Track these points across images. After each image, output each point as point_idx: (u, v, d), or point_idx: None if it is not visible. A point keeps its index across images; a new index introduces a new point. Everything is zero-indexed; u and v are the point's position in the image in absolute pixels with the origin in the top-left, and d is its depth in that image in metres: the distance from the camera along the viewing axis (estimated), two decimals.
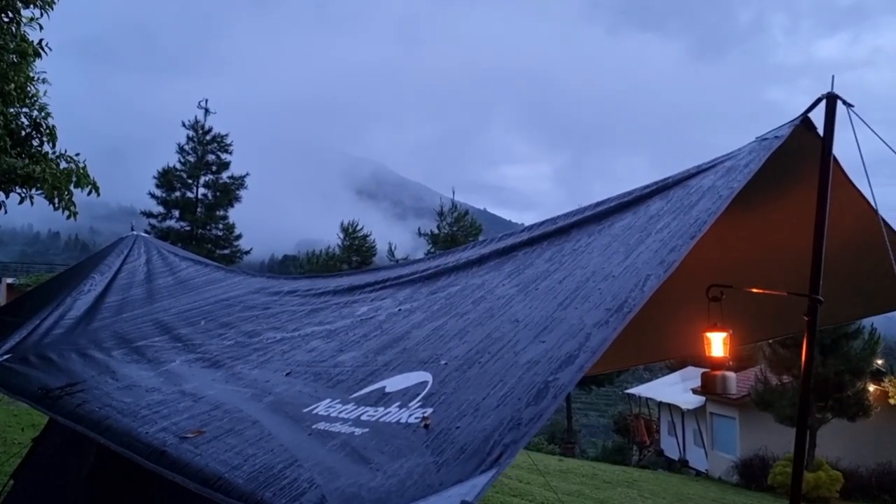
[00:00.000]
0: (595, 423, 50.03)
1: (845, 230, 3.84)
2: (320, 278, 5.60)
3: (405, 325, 3.59)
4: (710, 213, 2.78)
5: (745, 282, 4.22)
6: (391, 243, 25.96)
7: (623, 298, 2.48)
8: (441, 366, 2.83)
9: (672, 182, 3.47)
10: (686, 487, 20.04)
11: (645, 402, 33.01)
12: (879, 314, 4.81)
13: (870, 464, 21.66)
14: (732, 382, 3.77)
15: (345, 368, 3.30)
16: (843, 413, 20.43)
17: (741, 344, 5.62)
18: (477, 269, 3.95)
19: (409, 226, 49.07)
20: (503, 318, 3.00)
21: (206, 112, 23.32)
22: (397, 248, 26.04)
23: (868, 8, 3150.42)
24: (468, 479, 1.97)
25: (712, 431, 26.15)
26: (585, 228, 3.59)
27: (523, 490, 14.59)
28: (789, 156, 3.43)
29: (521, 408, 2.18)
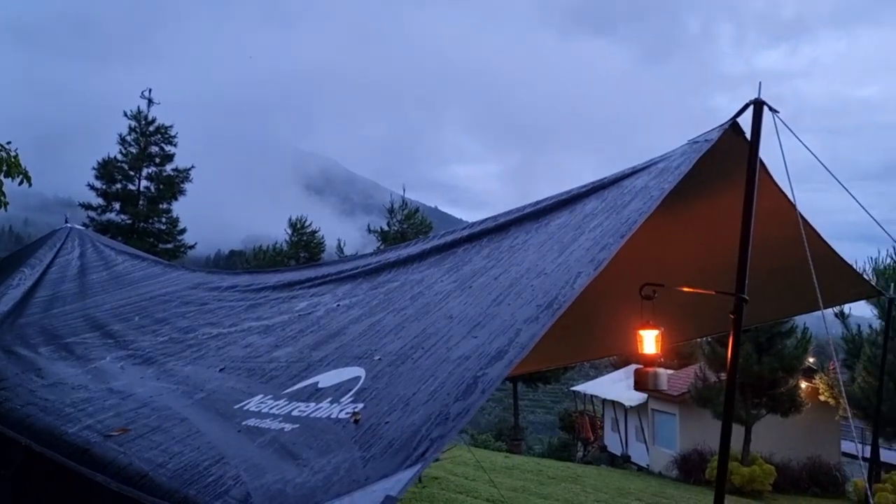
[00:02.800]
0: (542, 420, 50.59)
1: (772, 232, 3.96)
2: (261, 273, 5.52)
3: (343, 320, 3.57)
4: (640, 213, 2.83)
5: (681, 281, 4.33)
6: (340, 240, 25.78)
7: (554, 295, 2.52)
8: (375, 361, 2.82)
9: (608, 182, 3.53)
10: (627, 482, 20.42)
11: (590, 400, 33.52)
12: (802, 314, 4.98)
13: (801, 457, 22.43)
14: (664, 378, 3.86)
15: (279, 364, 3.27)
16: (776, 409, 21.09)
17: (674, 342, 5.76)
18: (418, 265, 3.96)
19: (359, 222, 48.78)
20: (439, 313, 3.01)
21: (149, 102, 22.73)
22: (346, 244, 25.86)
23: (808, 21, 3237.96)
24: (394, 474, 1.97)
25: (654, 427, 26.73)
26: (524, 226, 3.63)
27: (469, 487, 14.66)
28: (720, 159, 3.53)
29: (449, 403, 2.19)
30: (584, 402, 34.24)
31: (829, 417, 22.49)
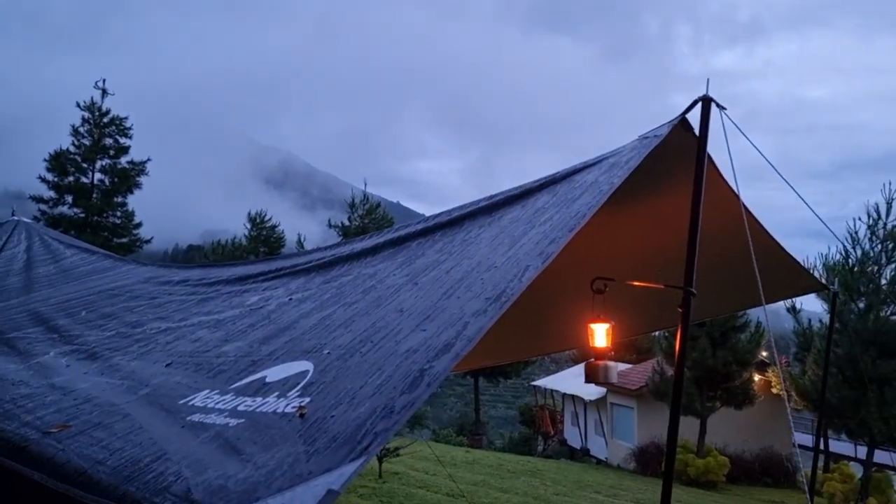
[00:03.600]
0: (503, 415, 50.94)
1: (721, 227, 4.03)
2: (214, 267, 5.44)
3: (294, 314, 3.53)
4: (589, 207, 2.86)
5: (634, 275, 4.37)
6: (300, 234, 25.50)
7: (502, 288, 2.52)
8: (324, 355, 2.80)
9: (560, 177, 3.55)
10: (586, 475, 20.70)
11: (550, 394, 33.86)
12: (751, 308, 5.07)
13: (754, 449, 23.00)
14: (614, 372, 3.90)
15: (228, 359, 3.22)
16: (730, 402, 21.57)
17: (626, 336, 5.83)
18: (371, 259, 3.93)
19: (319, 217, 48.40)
20: (390, 307, 2.99)
21: (103, 93, 22.11)
22: (306, 239, 25.60)
23: (763, 23, 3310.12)
24: (337, 468, 1.96)
25: (612, 421, 27.12)
26: (477, 220, 3.64)
27: (429, 481, 14.70)
28: (671, 155, 3.58)
29: (395, 396, 2.18)
30: (545, 396, 34.56)
31: (782, 409, 23.08)
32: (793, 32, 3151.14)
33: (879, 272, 18.44)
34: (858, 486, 18.80)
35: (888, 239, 18.38)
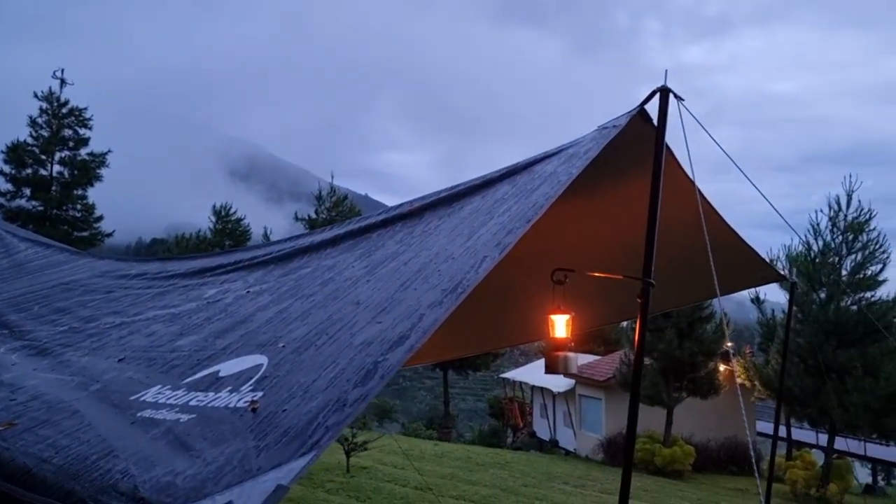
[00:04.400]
0: (472, 408, 51.11)
1: (681, 218, 4.05)
2: (173, 260, 5.33)
3: (251, 307, 3.47)
4: (547, 198, 2.84)
5: (597, 267, 4.38)
6: (266, 228, 25.24)
7: (459, 279, 2.50)
8: (279, 348, 2.75)
9: (520, 167, 3.54)
10: (554, 466, 20.86)
11: (519, 386, 34.04)
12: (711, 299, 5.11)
13: (719, 438, 23.37)
14: (573, 362, 3.91)
15: (181, 353, 3.15)
16: (696, 392, 21.88)
17: (588, 327, 5.86)
18: (331, 251, 3.88)
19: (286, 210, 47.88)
20: (347, 299, 2.95)
21: (61, 83, 21.58)
22: (273, 232, 25.34)
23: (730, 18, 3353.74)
24: (287, 463, 1.92)
25: (580, 412, 27.34)
26: (437, 211, 3.60)
27: (398, 475, 14.67)
28: (631, 146, 3.58)
29: (348, 389, 2.14)
30: (514, 388, 34.73)
31: (746, 399, 23.48)
32: (759, 28, 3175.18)
33: (840, 263, 18.85)
34: (820, 472, 19.23)
35: (848, 231, 18.80)
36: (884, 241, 18.54)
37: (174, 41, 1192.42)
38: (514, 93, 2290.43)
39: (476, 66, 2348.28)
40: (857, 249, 18.59)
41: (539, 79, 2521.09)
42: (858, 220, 18.71)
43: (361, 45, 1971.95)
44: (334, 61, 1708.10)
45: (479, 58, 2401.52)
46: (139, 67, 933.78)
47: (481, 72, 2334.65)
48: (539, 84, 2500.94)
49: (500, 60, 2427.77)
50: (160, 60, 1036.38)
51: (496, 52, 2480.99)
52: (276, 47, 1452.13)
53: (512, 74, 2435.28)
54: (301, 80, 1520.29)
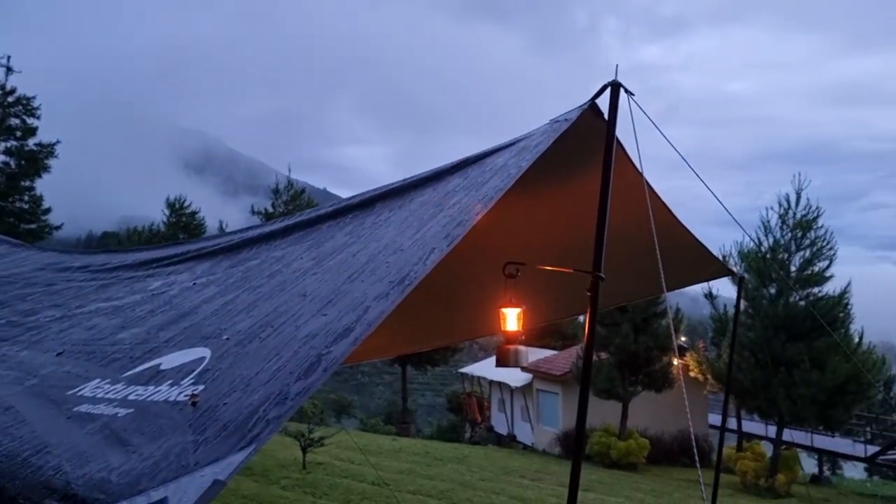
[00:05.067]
0: (431, 403, 51.17)
1: (633, 213, 4.08)
2: (119, 253, 5.20)
3: (196, 299, 3.39)
4: (497, 190, 2.83)
5: (552, 261, 4.39)
6: (222, 221, 24.84)
7: (406, 272, 2.47)
8: (223, 341, 2.69)
9: (472, 160, 3.53)
10: (512, 460, 21.01)
11: (477, 381, 34.17)
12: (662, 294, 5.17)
13: (673, 431, 23.82)
14: (524, 356, 3.92)
15: (123, 346, 3.06)
16: (651, 385, 22.25)
17: (544, 321, 5.90)
18: (280, 242, 3.82)
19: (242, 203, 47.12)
20: (293, 291, 2.90)
21: (7, 71, 20.90)
22: (228, 225, 24.94)
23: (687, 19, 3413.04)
24: (225, 458, 1.87)
25: (538, 407, 27.58)
26: (388, 203, 3.57)
27: (355, 471, 14.60)
28: (584, 140, 3.59)
29: (290, 382, 2.10)
30: (472, 383, 34.86)
31: (698, 392, 23.96)
32: (714, 28, 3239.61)
33: (789, 259, 19.33)
34: (768, 463, 19.73)
35: (797, 228, 19.29)
36: (830, 239, 19.09)
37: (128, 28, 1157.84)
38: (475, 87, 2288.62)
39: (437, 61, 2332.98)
40: (806, 246, 19.09)
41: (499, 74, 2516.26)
42: (807, 217, 19.22)
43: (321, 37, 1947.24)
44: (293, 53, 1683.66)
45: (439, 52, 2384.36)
46: (90, 55, 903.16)
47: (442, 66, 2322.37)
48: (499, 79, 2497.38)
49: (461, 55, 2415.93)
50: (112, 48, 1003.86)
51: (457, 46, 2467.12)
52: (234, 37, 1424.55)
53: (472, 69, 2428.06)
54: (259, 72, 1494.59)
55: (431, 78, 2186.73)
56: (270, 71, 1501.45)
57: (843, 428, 23.27)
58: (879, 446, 22.45)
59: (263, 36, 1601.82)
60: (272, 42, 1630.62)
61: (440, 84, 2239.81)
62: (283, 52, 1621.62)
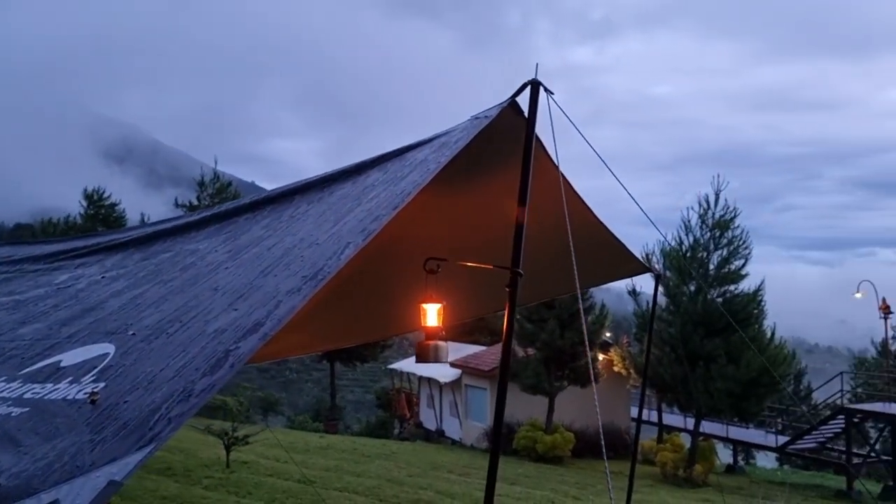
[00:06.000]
0: (361, 399, 50.84)
1: (554, 211, 4.14)
2: (25, 245, 4.95)
3: (104, 293, 3.26)
4: (415, 185, 2.82)
5: (472, 257, 4.40)
6: (144, 214, 24.01)
7: (320, 266, 2.43)
8: (128, 336, 2.59)
9: (393, 154, 3.51)
10: (440, 456, 21.10)
11: (407, 377, 34.15)
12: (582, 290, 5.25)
13: (597, 424, 24.42)
14: (444, 352, 3.92)
15: (22, 342, 2.92)
16: (576, 380, 22.72)
17: (466, 318, 5.93)
18: (195, 235, 3.71)
19: (166, 195, 45.68)
20: (205, 285, 2.82)
21: None
22: (150, 219, 24.13)
23: (615, 22, 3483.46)
24: (122, 458, 1.80)
25: (466, 402, 27.78)
26: (307, 196, 3.52)
27: (281, 469, 14.36)
28: (505, 137, 3.62)
29: (195, 378, 2.04)
30: (402, 379, 34.82)
31: (622, 386, 24.63)
32: (640, 32, 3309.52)
33: (708, 258, 20.07)
34: (687, 454, 20.45)
35: (716, 228, 20.04)
36: (746, 238, 19.92)
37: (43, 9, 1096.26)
38: (408, 83, 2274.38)
39: (368, 55, 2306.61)
40: (723, 245, 19.85)
41: (432, 70, 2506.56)
42: (725, 218, 19.98)
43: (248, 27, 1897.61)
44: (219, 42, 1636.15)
45: (372, 46, 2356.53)
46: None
47: (375, 60, 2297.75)
48: (432, 75, 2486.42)
49: (395, 50, 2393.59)
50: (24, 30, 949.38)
51: (390, 41, 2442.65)
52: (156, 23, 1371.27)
53: (406, 64, 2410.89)
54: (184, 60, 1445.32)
55: (364, 72, 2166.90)
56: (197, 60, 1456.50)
57: (757, 419, 24.36)
58: (789, 436, 23.57)
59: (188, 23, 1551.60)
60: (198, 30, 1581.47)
61: (373, 78, 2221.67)
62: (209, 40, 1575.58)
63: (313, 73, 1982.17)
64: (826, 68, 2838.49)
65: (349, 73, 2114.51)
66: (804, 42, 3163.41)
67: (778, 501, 12.94)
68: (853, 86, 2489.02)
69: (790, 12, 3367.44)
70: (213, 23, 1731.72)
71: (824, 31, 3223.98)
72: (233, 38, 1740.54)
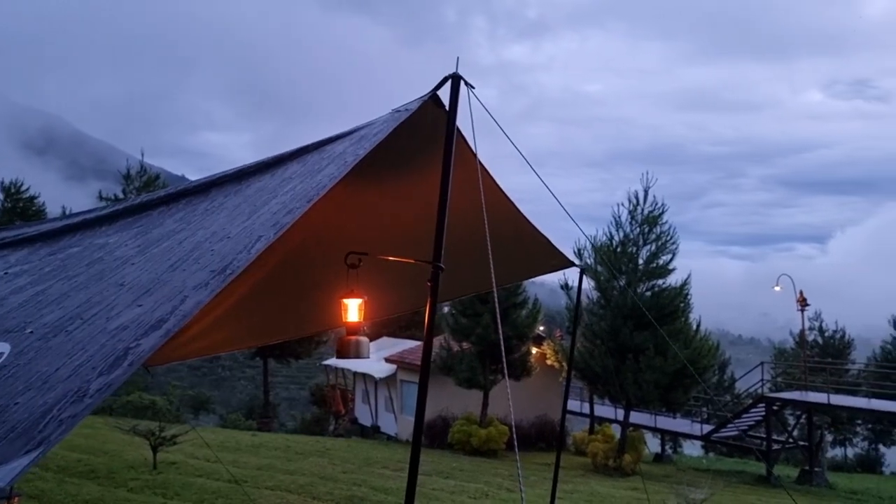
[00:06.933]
0: (296, 396, 50.18)
1: (477, 205, 4.15)
2: None
3: (4, 290, 3.10)
4: (331, 178, 2.77)
5: (396, 252, 4.37)
6: (66, 207, 22.99)
7: (230, 260, 2.36)
8: (26, 335, 2.47)
9: (313, 146, 3.44)
10: (375, 451, 20.99)
11: (342, 373, 33.89)
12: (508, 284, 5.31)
13: (530, 417, 24.76)
14: (366, 347, 3.89)
15: None
16: (511, 374, 22.96)
17: (393, 313, 5.91)
18: (107, 228, 3.57)
19: (90, 189, 43.90)
20: (111, 280, 2.71)
21: None
22: (72, 212, 23.17)
23: (549, 21, 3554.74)
24: (8, 462, 1.70)
25: (402, 397, 27.75)
26: (225, 188, 3.42)
27: (210, 469, 14.04)
28: (428, 131, 3.60)
29: (91, 378, 1.95)
30: (336, 375, 34.54)
31: (555, 379, 25.02)
32: (573, 31, 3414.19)
33: (637, 253, 20.57)
34: (617, 444, 20.95)
35: (645, 223, 20.55)
36: (674, 234, 20.50)
37: None
38: (343, 77, 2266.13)
39: (304, 48, 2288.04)
40: (652, 241, 20.38)
41: (368, 65, 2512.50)
42: (653, 213, 20.51)
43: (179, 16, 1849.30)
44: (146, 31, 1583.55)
45: (308, 41, 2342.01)
46: None
47: (310, 55, 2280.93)
48: (368, 70, 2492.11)
49: (330, 44, 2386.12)
50: None
51: (326, 35, 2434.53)
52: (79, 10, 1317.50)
53: (341, 59, 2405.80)
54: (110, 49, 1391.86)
55: (299, 66, 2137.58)
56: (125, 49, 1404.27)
57: (683, 409, 25.15)
58: (714, 425, 24.42)
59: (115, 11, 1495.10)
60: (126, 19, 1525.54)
61: (308, 72, 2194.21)
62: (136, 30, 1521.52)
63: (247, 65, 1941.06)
64: (749, 70, 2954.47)
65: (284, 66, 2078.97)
66: (729, 45, 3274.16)
67: (701, 488, 13.37)
68: (774, 88, 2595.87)
69: (716, 15, 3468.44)
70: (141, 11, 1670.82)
71: (748, 34, 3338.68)
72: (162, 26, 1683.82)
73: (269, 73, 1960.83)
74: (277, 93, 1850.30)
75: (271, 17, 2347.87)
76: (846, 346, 34.81)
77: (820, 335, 34.64)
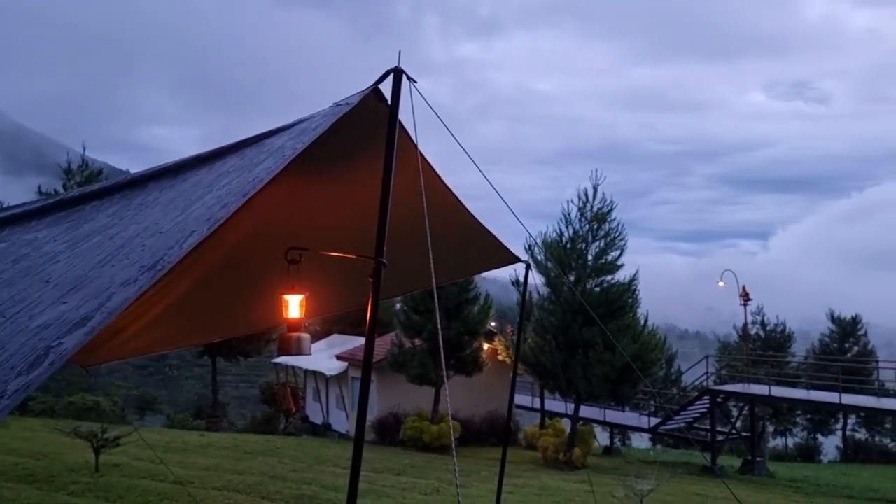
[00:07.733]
0: (246, 395, 49.40)
1: (419, 200, 4.13)
2: None
3: None
4: (268, 172, 2.71)
5: (340, 248, 4.33)
6: (2, 202, 22.15)
7: (160, 256, 2.29)
8: None
9: (252, 140, 3.38)
10: (326, 450, 20.83)
11: (292, 371, 33.53)
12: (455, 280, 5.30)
13: (482, 413, 24.89)
14: (307, 344, 3.84)
15: None
16: (462, 370, 23.05)
17: (338, 310, 5.86)
18: (36, 224, 3.44)
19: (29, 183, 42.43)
20: (37, 277, 2.61)
21: None
22: (5, 207, 22.33)
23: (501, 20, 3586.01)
24: None
25: (353, 395, 27.59)
26: (161, 182, 3.33)
27: (156, 470, 13.74)
28: (371, 126, 3.56)
29: (9, 378, 1.87)
30: (287, 373, 34.16)
31: (507, 375, 25.18)
32: (525, 30, 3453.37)
33: (586, 249, 20.84)
34: (567, 439, 21.22)
35: (594, 220, 20.84)
36: (622, 230, 20.85)
37: None
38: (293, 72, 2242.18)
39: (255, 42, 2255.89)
40: (601, 237, 20.68)
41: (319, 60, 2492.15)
42: (602, 210, 20.81)
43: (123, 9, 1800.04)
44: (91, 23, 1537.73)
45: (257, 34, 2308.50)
46: None
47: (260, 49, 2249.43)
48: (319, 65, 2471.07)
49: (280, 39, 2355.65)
50: None
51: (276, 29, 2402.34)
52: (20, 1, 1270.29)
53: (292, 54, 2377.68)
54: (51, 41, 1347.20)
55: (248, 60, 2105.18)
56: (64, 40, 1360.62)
57: (631, 403, 25.63)
58: (661, 418, 24.94)
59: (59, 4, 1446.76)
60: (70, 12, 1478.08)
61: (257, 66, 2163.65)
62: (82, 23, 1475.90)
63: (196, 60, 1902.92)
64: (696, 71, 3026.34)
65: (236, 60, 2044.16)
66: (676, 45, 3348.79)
67: (648, 479, 13.65)
68: (719, 88, 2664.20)
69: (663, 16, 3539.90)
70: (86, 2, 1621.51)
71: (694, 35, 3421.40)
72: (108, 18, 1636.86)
73: (219, 67, 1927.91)
74: (228, 87, 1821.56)
75: (223, 10, 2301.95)
76: (787, 339, 35.96)
77: (762, 329, 35.69)
